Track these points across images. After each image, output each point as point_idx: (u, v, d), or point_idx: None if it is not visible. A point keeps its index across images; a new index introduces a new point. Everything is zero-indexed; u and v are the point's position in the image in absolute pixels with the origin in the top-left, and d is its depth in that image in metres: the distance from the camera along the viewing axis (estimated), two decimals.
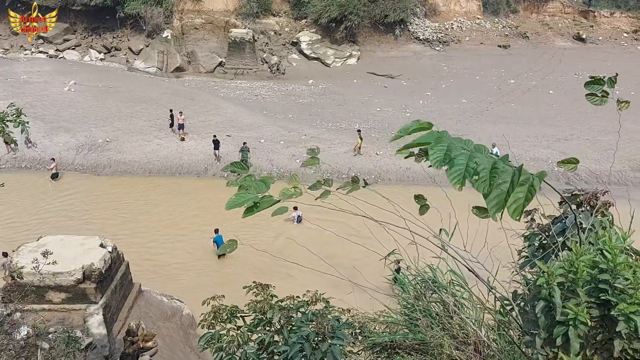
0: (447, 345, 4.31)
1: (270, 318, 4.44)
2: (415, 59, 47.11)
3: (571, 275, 2.36)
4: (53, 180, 24.85)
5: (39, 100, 31.84)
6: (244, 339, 4.47)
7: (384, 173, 26.25)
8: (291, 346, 4.06)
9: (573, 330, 2.30)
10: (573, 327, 2.29)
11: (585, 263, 2.38)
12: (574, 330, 2.30)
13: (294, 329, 4.31)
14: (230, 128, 29.31)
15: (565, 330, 2.31)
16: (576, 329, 2.30)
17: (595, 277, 2.41)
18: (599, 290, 2.40)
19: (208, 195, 23.75)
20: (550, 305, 2.38)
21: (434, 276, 4.93)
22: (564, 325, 2.32)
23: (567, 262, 2.40)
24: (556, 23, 53.11)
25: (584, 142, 29.10)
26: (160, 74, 41.76)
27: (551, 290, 2.35)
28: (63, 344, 9.31)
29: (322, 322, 4.23)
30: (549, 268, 2.39)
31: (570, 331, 2.30)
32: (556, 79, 42.63)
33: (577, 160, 2.87)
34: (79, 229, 19.86)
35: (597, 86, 3.10)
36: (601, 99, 3.11)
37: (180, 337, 14.33)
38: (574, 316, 2.28)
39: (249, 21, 46.25)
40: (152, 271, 17.88)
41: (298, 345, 4.06)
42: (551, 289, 2.35)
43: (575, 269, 2.35)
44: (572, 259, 2.38)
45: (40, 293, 11.93)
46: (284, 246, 18.69)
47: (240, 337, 4.45)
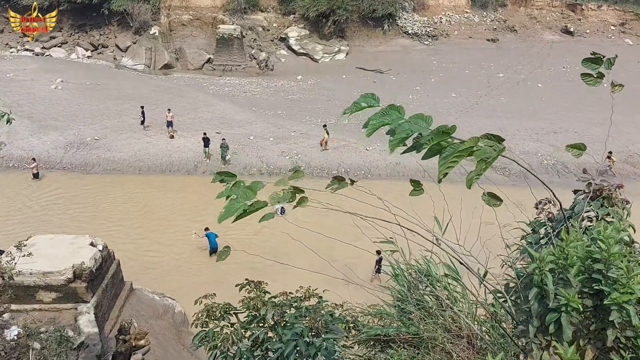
0: (440, 338, 4.32)
1: (264, 315, 4.42)
2: (404, 54, 47.16)
3: (561, 262, 2.36)
4: (35, 179, 24.60)
5: (25, 99, 31.48)
6: (237, 336, 4.45)
7: (374, 168, 26.29)
8: (286, 343, 4.05)
9: (565, 317, 2.30)
10: (565, 314, 2.30)
11: (575, 250, 2.39)
12: (567, 316, 2.30)
13: (287, 326, 4.30)
14: (220, 125, 29.18)
15: (557, 317, 2.32)
16: (568, 316, 2.30)
17: (590, 267, 2.42)
18: (592, 280, 2.41)
19: (198, 192, 23.65)
20: (543, 293, 2.39)
21: (428, 269, 4.94)
22: (557, 312, 2.32)
23: (558, 248, 2.40)
24: (544, 16, 53.39)
25: (572, 134, 29.34)
26: (148, 71, 41.45)
27: (543, 276, 2.35)
28: (55, 344, 9.24)
29: (315, 317, 4.22)
30: (539, 254, 2.40)
31: (563, 318, 2.31)
32: (545, 72, 42.90)
33: (584, 146, 2.85)
34: (69, 228, 19.69)
35: (595, 65, 3.00)
36: (596, 80, 3.04)
37: (173, 335, 14.28)
38: (565, 302, 2.29)
39: (236, 17, 46.01)
40: (143, 269, 17.79)
41: (293, 342, 4.05)
42: (543, 275, 2.36)
43: (566, 255, 2.36)
44: (563, 245, 2.39)
45: (31, 293, 11.83)
46: (276, 240, 18.66)
47: (234, 335, 4.43)
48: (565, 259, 2.36)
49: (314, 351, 4.02)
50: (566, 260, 2.36)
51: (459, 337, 4.22)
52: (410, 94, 37.55)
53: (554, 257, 2.37)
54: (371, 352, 4.99)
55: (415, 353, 4.41)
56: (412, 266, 5.29)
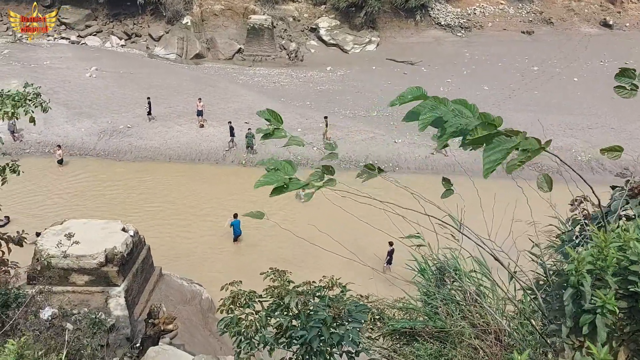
0: (467, 333, 4.29)
1: (288, 303, 4.46)
2: (436, 45, 46.46)
3: (600, 263, 2.31)
4: (60, 165, 25.30)
5: (61, 86, 32.28)
6: (262, 323, 4.51)
7: (402, 162, 26.09)
8: (308, 330, 4.08)
9: (600, 319, 2.26)
10: (601, 316, 2.25)
11: (614, 251, 2.33)
12: (602, 318, 2.26)
13: (311, 314, 4.33)
14: (249, 115, 29.36)
15: (592, 318, 2.27)
16: (604, 318, 2.26)
17: (626, 267, 2.36)
18: (627, 281, 2.36)
19: (226, 182, 23.93)
20: (578, 293, 2.34)
21: (456, 264, 4.90)
22: (591, 314, 2.28)
23: (596, 249, 2.35)
24: (582, 9, 51.78)
25: (608, 130, 28.52)
26: (180, 61, 41.92)
27: (580, 277, 2.30)
28: (88, 325, 9.52)
29: (338, 306, 4.24)
30: (578, 255, 2.35)
31: (598, 319, 2.26)
32: (581, 66, 41.70)
33: (621, 148, 2.79)
34: (101, 212, 20.19)
35: (627, 79, 2.98)
36: (630, 92, 3.01)
37: (200, 321, 14.54)
38: (602, 304, 2.24)
39: (268, 7, 46.03)
40: (172, 255, 18.13)
41: (316, 329, 4.08)
42: (580, 276, 2.31)
43: (605, 256, 2.30)
44: (601, 246, 2.33)
45: (64, 275, 12.20)
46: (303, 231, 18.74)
47: (259, 322, 4.49)
48: (604, 261, 2.30)
49: (338, 339, 4.04)
50: (605, 261, 2.30)
51: (486, 332, 4.18)
52: (441, 86, 37.00)
53: (593, 258, 2.32)
54: (396, 344, 4.99)
55: (442, 347, 4.39)
56: (439, 261, 5.25)
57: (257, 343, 4.58)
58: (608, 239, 2.34)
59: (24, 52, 37.87)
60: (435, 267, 5.35)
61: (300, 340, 4.24)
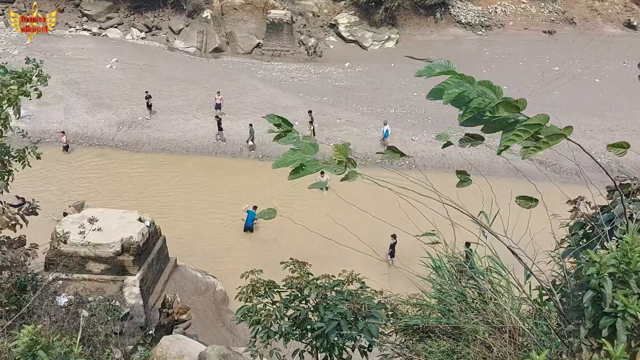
0: (481, 331, 4.26)
1: (307, 295, 4.48)
2: (456, 44, 46.02)
3: (623, 266, 2.27)
4: (65, 152, 25.47)
5: (82, 77, 32.68)
6: (280, 313, 4.53)
7: (419, 159, 25.95)
8: (327, 322, 4.10)
9: (621, 322, 2.23)
10: (621, 319, 2.22)
11: (639, 254, 2.29)
12: (622, 322, 2.23)
13: (329, 307, 4.35)
14: (266, 110, 29.40)
15: (612, 321, 2.24)
16: (624, 321, 2.23)
17: None
18: None
19: (243, 175, 24.04)
20: (599, 295, 2.31)
21: (471, 261, 4.86)
22: (612, 317, 2.25)
23: (620, 252, 2.31)
24: (606, 9, 50.84)
25: (629, 133, 28.02)
26: (199, 54, 42.13)
27: (601, 280, 2.27)
28: (103, 312, 9.64)
29: (358, 301, 4.25)
30: (600, 258, 2.31)
31: (618, 323, 2.23)
32: (603, 67, 40.98)
33: (627, 144, 2.76)
34: (117, 202, 20.42)
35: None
36: None
37: (213, 312, 14.66)
38: (623, 308, 2.21)
39: (287, 2, 46.01)
40: (187, 247, 18.28)
41: (335, 322, 4.09)
42: (602, 279, 2.27)
43: (629, 260, 2.27)
44: (626, 249, 2.29)
45: (81, 263, 12.38)
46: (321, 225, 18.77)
47: (277, 312, 4.51)
48: (628, 264, 2.27)
49: (356, 333, 4.05)
50: (628, 265, 2.27)
51: (500, 331, 4.15)
52: None
53: (616, 261, 2.28)
54: (409, 340, 4.98)
55: (455, 345, 4.37)
56: (455, 258, 5.22)
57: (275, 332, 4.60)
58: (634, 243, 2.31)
59: (46, 43, 38.34)
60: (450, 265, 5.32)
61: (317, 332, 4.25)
